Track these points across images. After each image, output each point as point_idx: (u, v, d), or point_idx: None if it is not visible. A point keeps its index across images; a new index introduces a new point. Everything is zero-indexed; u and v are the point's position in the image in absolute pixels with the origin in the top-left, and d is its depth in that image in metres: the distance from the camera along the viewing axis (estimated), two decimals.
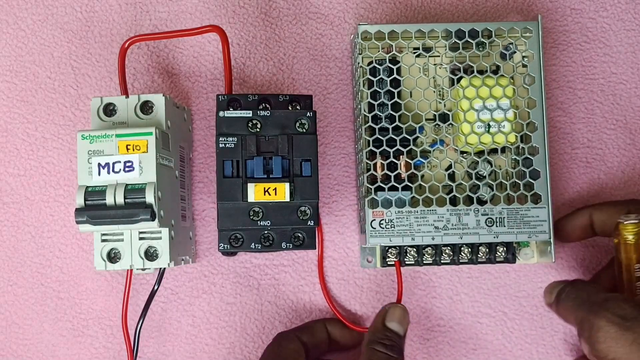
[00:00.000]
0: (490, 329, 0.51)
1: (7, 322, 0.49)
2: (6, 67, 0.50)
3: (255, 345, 0.50)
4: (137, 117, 0.44)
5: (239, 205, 0.42)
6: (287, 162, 0.42)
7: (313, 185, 0.42)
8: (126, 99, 0.44)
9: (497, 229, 0.47)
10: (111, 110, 0.44)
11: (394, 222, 0.47)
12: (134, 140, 0.42)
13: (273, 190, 0.42)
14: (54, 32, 0.50)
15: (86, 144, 0.42)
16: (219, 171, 0.42)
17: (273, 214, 0.42)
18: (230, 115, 0.42)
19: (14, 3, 0.50)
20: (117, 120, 0.44)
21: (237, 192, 0.42)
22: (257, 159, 0.42)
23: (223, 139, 0.42)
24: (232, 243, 0.43)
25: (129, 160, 0.42)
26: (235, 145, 0.42)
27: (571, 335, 0.51)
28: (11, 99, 0.50)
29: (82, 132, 0.42)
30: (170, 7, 0.51)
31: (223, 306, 0.50)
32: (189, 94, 0.51)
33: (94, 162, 0.42)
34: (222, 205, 0.42)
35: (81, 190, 0.42)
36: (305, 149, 0.42)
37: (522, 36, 0.48)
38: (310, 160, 0.42)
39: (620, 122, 0.52)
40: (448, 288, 0.51)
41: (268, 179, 0.42)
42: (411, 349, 0.50)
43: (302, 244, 0.44)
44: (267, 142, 0.42)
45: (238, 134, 0.42)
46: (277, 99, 0.44)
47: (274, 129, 0.42)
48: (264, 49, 0.51)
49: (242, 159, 0.42)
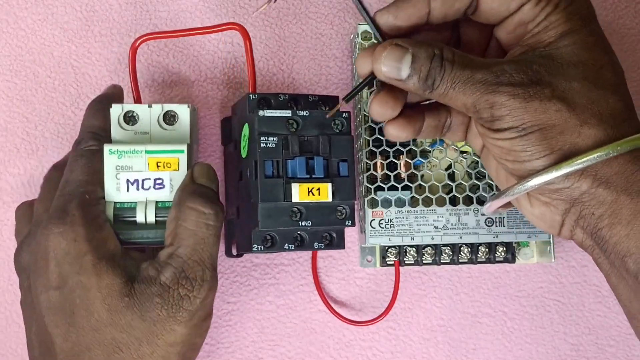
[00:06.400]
0: (490, 329, 0.51)
1: (7, 322, 0.49)
2: (6, 66, 0.50)
3: (255, 346, 0.50)
4: (160, 127, 0.43)
5: (280, 206, 0.41)
6: (327, 162, 0.42)
7: (351, 186, 0.42)
8: (149, 108, 0.43)
9: (496, 229, 0.47)
10: (131, 117, 0.43)
11: (394, 222, 0.47)
12: (165, 158, 0.41)
13: (317, 191, 0.41)
14: (54, 31, 0.50)
15: (114, 159, 0.41)
16: (260, 171, 0.41)
17: (314, 214, 0.41)
18: (270, 114, 0.41)
19: (13, 2, 0.50)
20: (139, 130, 0.43)
21: (279, 193, 0.41)
22: (299, 159, 0.41)
23: (264, 139, 0.41)
24: (264, 244, 0.42)
25: (159, 177, 0.41)
26: (276, 145, 0.41)
27: (571, 335, 0.51)
28: (11, 98, 0.50)
29: (109, 147, 0.41)
30: (170, 7, 0.51)
31: (223, 306, 0.50)
32: (188, 91, 0.51)
33: (122, 177, 0.41)
34: (263, 205, 0.41)
35: (110, 206, 0.41)
36: (342, 149, 0.42)
37: None
38: (347, 160, 0.42)
39: None
40: (448, 288, 0.51)
41: (311, 179, 0.41)
42: (411, 349, 0.50)
43: (331, 243, 0.43)
44: (307, 141, 0.42)
45: (278, 134, 0.41)
46: (307, 99, 0.43)
47: (312, 128, 0.42)
48: (264, 49, 0.51)
49: (282, 159, 0.41)
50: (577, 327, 0.51)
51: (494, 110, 0.36)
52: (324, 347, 0.50)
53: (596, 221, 0.36)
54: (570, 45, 0.36)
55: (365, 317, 0.50)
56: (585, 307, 0.52)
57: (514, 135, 0.36)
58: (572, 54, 0.36)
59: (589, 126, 0.35)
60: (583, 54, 0.36)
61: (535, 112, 0.35)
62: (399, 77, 0.37)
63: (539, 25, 0.37)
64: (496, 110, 0.36)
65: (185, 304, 0.39)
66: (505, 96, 0.35)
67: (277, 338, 0.50)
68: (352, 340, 0.50)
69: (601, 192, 0.35)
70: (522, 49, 0.38)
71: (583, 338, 0.51)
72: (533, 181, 0.36)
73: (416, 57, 0.37)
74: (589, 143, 0.35)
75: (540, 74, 0.36)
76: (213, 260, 0.40)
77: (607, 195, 0.35)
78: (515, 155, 0.36)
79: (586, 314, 0.52)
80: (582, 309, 0.52)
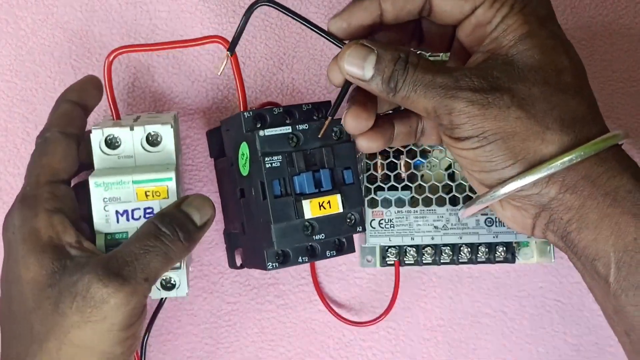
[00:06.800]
0: (490, 329, 0.51)
1: None
2: (6, 66, 0.50)
3: (255, 346, 0.50)
4: (144, 149, 0.41)
5: (293, 224, 0.41)
6: (332, 172, 0.41)
7: (357, 192, 0.42)
8: (131, 131, 0.41)
9: (496, 229, 0.47)
10: (113, 141, 0.41)
11: (394, 222, 0.47)
12: (153, 187, 0.40)
13: (327, 204, 0.41)
14: (54, 31, 0.50)
15: (100, 192, 0.40)
16: (269, 192, 0.40)
17: (326, 226, 0.41)
18: (271, 133, 0.41)
19: (13, 2, 0.50)
20: (122, 154, 0.41)
21: (290, 211, 0.40)
22: (306, 175, 0.41)
23: (269, 159, 0.40)
24: (278, 261, 0.42)
25: (149, 207, 0.41)
26: (280, 164, 0.40)
27: (571, 335, 0.51)
28: (11, 98, 0.50)
29: (94, 179, 0.40)
30: (170, 6, 0.51)
31: (223, 306, 0.50)
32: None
33: (110, 209, 0.40)
34: (277, 226, 0.40)
35: (101, 237, 0.40)
36: (344, 157, 0.42)
37: None
38: (351, 167, 0.42)
39: (621, 121, 0.52)
40: (448, 288, 0.51)
41: (320, 193, 0.41)
42: (411, 349, 0.50)
43: (342, 249, 0.43)
44: (310, 154, 0.41)
45: (282, 152, 0.40)
46: (300, 109, 0.42)
47: (314, 141, 0.41)
48: (264, 49, 0.51)
49: (289, 176, 0.41)
50: (577, 327, 0.51)
51: (453, 117, 0.36)
52: (324, 347, 0.50)
53: (565, 225, 0.36)
54: (529, 49, 0.36)
55: (365, 317, 0.50)
56: (585, 307, 0.52)
57: (476, 145, 0.36)
58: (531, 58, 0.36)
59: (551, 132, 0.35)
60: (542, 57, 0.36)
61: (495, 119, 0.35)
62: (363, 77, 0.37)
63: (497, 28, 0.36)
64: (455, 117, 0.35)
65: (97, 303, 0.36)
66: (464, 102, 0.35)
67: (277, 338, 0.50)
68: (352, 340, 0.50)
69: (569, 197, 0.35)
70: (483, 55, 0.37)
71: (583, 338, 0.51)
72: (501, 190, 0.36)
73: (381, 58, 0.36)
74: (553, 150, 0.35)
75: (500, 81, 0.35)
76: (147, 274, 0.38)
77: (575, 200, 0.35)
78: (481, 166, 0.36)
79: (586, 314, 0.51)
80: (582, 309, 0.52)
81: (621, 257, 0.35)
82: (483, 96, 0.35)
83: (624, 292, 0.35)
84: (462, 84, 0.35)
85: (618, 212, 0.35)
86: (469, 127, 0.35)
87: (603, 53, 0.52)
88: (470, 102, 0.35)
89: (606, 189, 0.35)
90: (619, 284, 0.35)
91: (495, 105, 0.35)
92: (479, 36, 0.37)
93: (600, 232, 0.35)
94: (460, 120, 0.35)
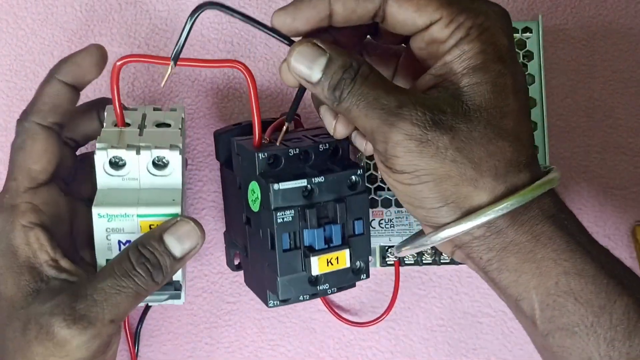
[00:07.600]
0: (490, 329, 0.51)
1: None
2: (6, 66, 0.50)
3: (255, 346, 0.50)
4: (149, 172, 0.40)
5: (299, 275, 0.40)
6: (343, 225, 0.40)
7: (366, 243, 0.41)
8: (137, 155, 0.39)
9: None
10: (118, 162, 0.40)
11: (394, 222, 0.47)
12: (157, 221, 0.39)
13: (335, 260, 0.40)
14: (54, 31, 0.50)
15: (104, 222, 0.39)
16: (278, 245, 0.39)
17: (332, 278, 0.41)
18: (286, 187, 0.39)
19: (14, 2, 0.50)
20: (127, 176, 0.40)
21: (297, 264, 0.40)
22: (317, 231, 0.39)
23: (281, 214, 0.39)
24: (280, 299, 0.41)
25: None
26: (292, 218, 0.39)
27: None
28: (11, 98, 0.50)
29: (97, 210, 0.39)
30: (170, 6, 0.51)
31: (223, 306, 0.50)
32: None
33: (113, 239, 0.39)
34: (282, 279, 0.40)
35: (102, 261, 0.40)
36: (357, 209, 0.41)
37: (522, 35, 0.48)
38: (362, 218, 0.41)
39: (621, 121, 0.52)
40: (448, 288, 0.51)
41: (329, 249, 0.40)
42: (411, 349, 0.50)
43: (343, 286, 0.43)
44: (322, 206, 0.40)
45: (294, 206, 0.39)
46: (317, 150, 0.41)
47: (328, 194, 0.40)
48: (264, 49, 0.51)
49: (299, 229, 0.39)
50: None
51: (389, 146, 0.34)
52: (324, 347, 0.50)
53: (485, 264, 0.35)
54: (480, 84, 0.34)
55: (366, 318, 0.50)
56: None
57: (407, 181, 0.34)
58: (480, 96, 0.34)
59: (484, 181, 0.34)
60: (490, 97, 0.34)
61: (431, 159, 0.33)
62: (309, 78, 0.35)
63: (451, 52, 0.34)
64: (390, 148, 0.34)
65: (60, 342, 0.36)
66: (402, 135, 0.33)
67: (277, 338, 0.50)
68: (352, 340, 0.50)
69: (492, 240, 0.34)
70: (433, 79, 0.35)
71: None
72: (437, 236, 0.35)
73: (331, 62, 0.34)
74: (485, 198, 0.34)
75: (444, 117, 0.33)
76: (115, 315, 0.37)
77: (497, 243, 0.34)
78: (411, 200, 0.35)
79: None
80: None
81: (544, 299, 0.34)
82: (423, 132, 0.33)
83: (550, 334, 0.34)
84: (405, 113, 0.33)
85: (539, 258, 0.34)
86: (403, 161, 0.34)
87: (603, 53, 0.52)
88: (408, 135, 0.33)
89: (528, 236, 0.34)
90: (544, 325, 0.34)
91: (433, 145, 0.33)
92: (431, 52, 0.35)
93: (521, 275, 0.34)
94: (395, 152, 0.34)
